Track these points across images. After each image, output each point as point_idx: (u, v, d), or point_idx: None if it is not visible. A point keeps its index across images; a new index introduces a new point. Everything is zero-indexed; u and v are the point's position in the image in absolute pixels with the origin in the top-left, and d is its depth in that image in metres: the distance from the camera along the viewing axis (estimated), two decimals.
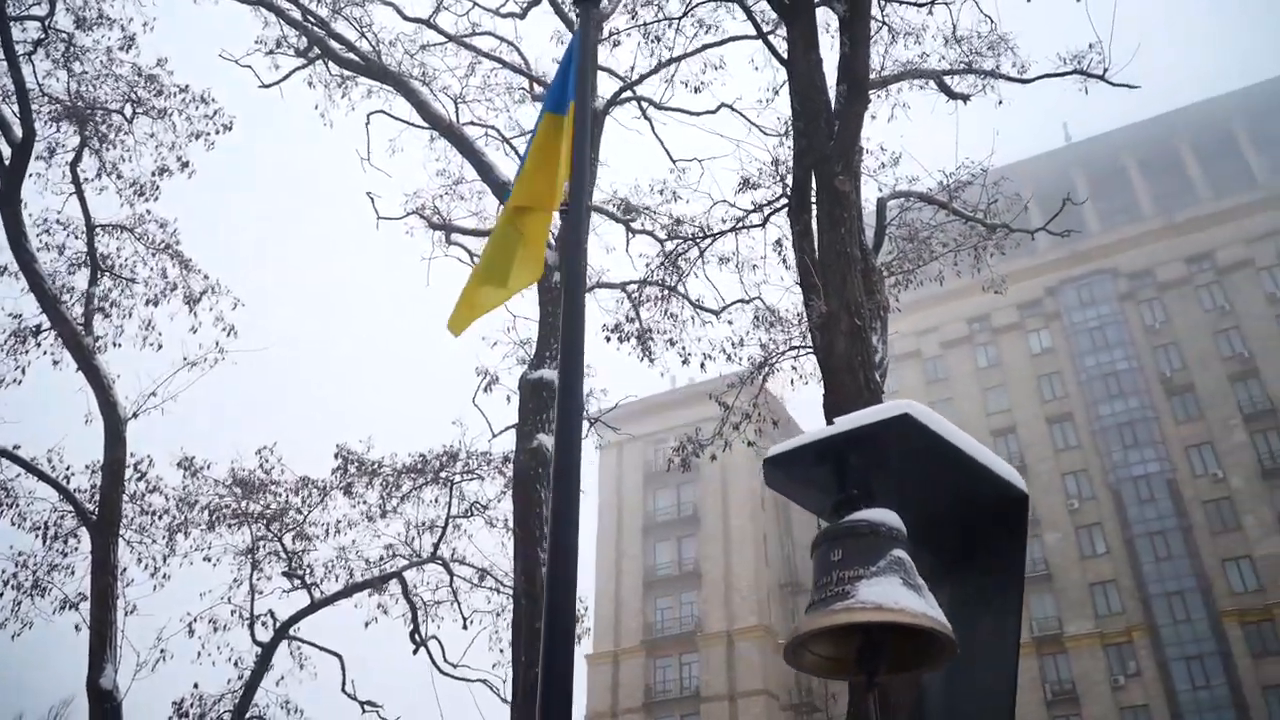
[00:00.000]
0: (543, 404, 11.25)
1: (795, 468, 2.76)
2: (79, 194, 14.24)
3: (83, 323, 13.51)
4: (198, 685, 14.82)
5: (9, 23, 12.44)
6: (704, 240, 15.38)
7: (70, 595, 13.68)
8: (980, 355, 56.14)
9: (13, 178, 12.55)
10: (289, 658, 15.99)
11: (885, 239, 13.05)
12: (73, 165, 14.24)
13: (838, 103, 9.04)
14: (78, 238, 14.55)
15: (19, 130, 12.51)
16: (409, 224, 15.92)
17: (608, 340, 15.31)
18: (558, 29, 15.52)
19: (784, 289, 24.84)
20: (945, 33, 13.99)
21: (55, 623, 13.67)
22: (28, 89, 12.63)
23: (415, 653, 15.61)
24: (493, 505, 16.39)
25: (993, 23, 13.68)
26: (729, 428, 14.14)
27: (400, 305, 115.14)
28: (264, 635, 15.50)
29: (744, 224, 15.05)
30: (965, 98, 13.54)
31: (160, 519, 15.01)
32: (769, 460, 2.78)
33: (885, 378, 9.12)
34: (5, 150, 12.84)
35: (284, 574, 16.16)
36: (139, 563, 14.62)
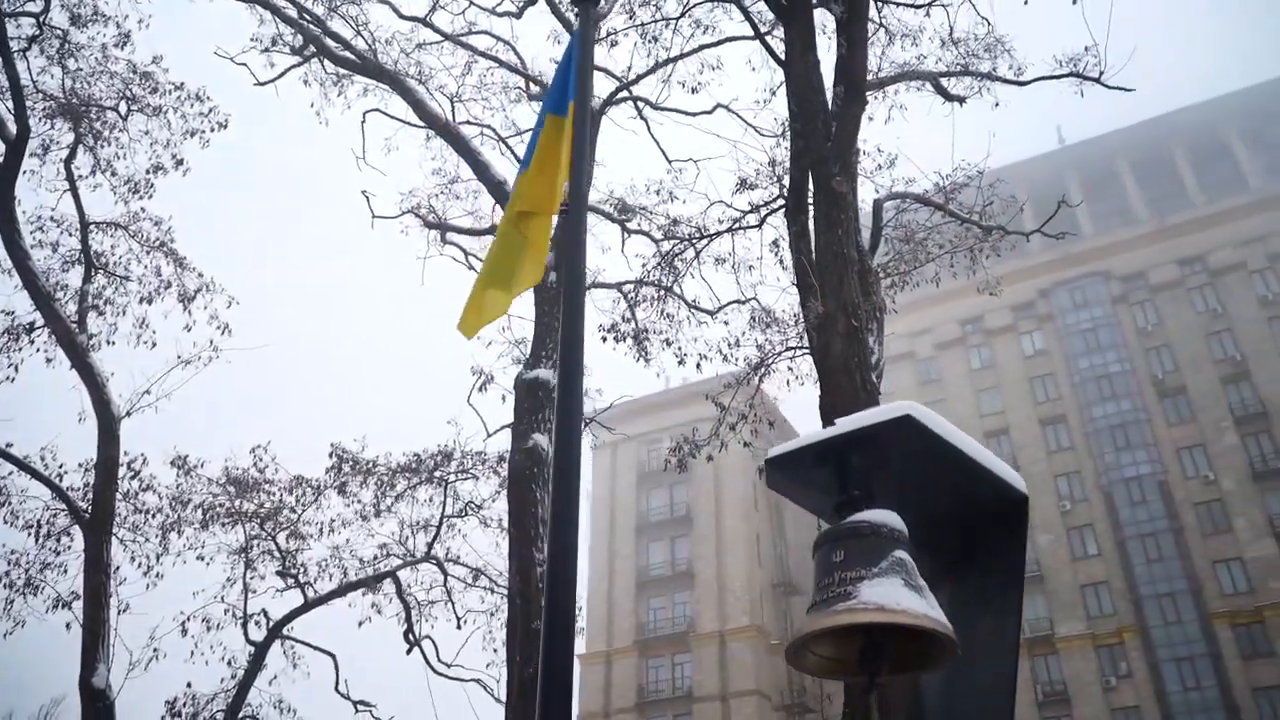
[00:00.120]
0: (538, 404, 11.23)
1: (796, 469, 2.76)
2: (73, 191, 14.22)
3: (76, 320, 13.48)
4: (191, 684, 14.84)
5: (3, 18, 12.38)
6: (700, 241, 15.38)
7: (63, 594, 13.67)
8: (973, 357, 56.23)
9: (6, 174, 12.50)
10: (282, 657, 16.01)
11: (881, 240, 13.08)
12: (67, 162, 14.21)
13: (835, 104, 9.05)
14: (72, 235, 14.55)
15: (13, 127, 12.47)
16: (404, 223, 15.90)
17: (604, 340, 15.29)
18: (554, 29, 15.50)
19: (780, 290, 24.86)
20: (942, 35, 14.03)
21: (48, 621, 13.66)
22: (22, 85, 12.59)
23: (409, 652, 15.64)
24: (487, 505, 16.43)
25: (989, 25, 13.74)
26: (725, 428, 14.14)
27: (398, 304, 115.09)
28: (257, 634, 15.51)
29: (740, 225, 15.06)
30: (961, 100, 13.59)
31: (154, 517, 15.02)
32: (770, 461, 2.78)
33: (881, 379, 9.13)
34: None
35: (278, 573, 16.16)
36: (132, 561, 14.63)
